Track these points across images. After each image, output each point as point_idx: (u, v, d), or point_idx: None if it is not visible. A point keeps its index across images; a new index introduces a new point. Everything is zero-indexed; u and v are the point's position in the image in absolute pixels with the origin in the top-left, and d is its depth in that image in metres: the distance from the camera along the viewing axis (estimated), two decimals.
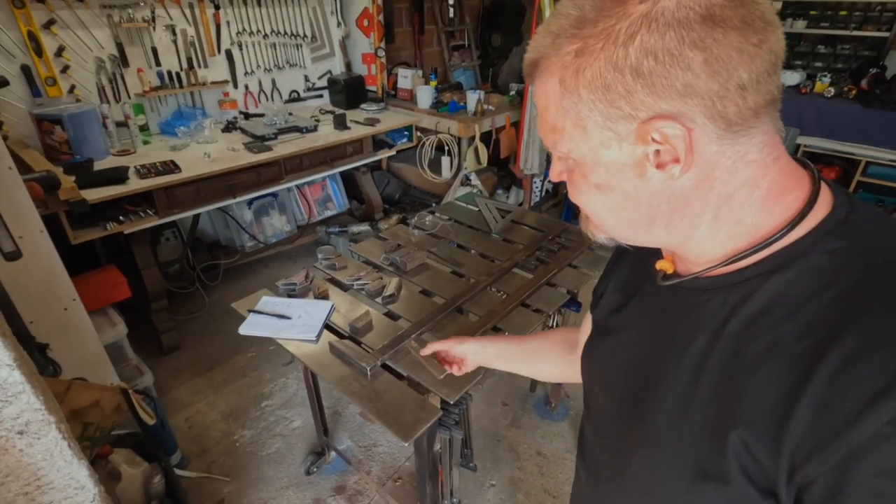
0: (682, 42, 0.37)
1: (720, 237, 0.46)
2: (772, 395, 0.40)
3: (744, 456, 0.42)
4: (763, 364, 0.42)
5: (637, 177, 0.44)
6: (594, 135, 0.43)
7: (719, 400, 0.44)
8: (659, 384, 0.51)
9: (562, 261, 1.69)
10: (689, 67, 0.38)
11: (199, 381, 2.33)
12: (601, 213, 0.49)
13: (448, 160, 3.23)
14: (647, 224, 0.47)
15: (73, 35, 2.32)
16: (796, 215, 0.43)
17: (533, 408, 2.21)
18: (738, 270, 0.46)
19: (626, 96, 0.40)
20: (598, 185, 0.46)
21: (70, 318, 1.62)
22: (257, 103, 3.09)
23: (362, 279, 1.58)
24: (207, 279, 2.91)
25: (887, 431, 0.34)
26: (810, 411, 0.38)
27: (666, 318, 0.53)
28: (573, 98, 0.42)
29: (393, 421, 1.10)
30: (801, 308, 0.41)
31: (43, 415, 0.77)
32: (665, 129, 0.40)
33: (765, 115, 0.41)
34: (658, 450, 0.50)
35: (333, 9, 3.26)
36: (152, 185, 2.09)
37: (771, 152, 0.43)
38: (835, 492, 0.37)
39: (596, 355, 0.66)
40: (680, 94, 0.39)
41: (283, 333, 1.37)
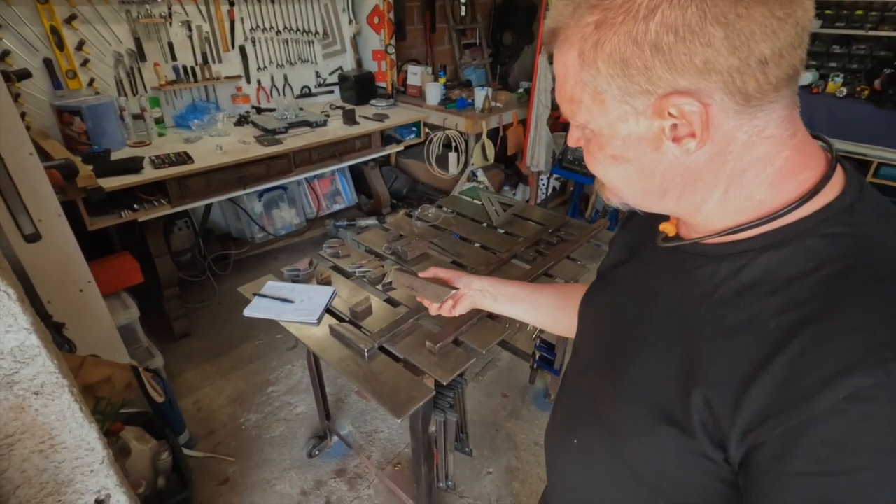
0: (703, 17, 0.37)
1: (727, 211, 0.47)
2: (741, 362, 0.42)
3: (704, 411, 0.44)
4: (740, 334, 0.44)
5: (653, 150, 0.44)
6: (612, 108, 0.44)
7: (692, 359, 0.47)
8: (640, 336, 0.54)
9: (560, 253, 1.72)
10: (710, 43, 0.37)
11: (208, 367, 2.40)
12: (616, 182, 0.50)
13: (455, 156, 3.27)
14: (660, 195, 0.48)
15: (94, 30, 2.40)
16: (804, 195, 0.44)
17: (532, 399, 2.24)
18: (734, 242, 0.47)
19: (644, 72, 0.40)
20: (615, 157, 0.47)
21: (85, 299, 1.69)
22: (269, 98, 3.16)
23: (364, 267, 1.63)
24: (218, 269, 2.99)
25: (840, 406, 0.36)
26: (773, 381, 0.40)
27: (659, 277, 0.55)
28: (591, 71, 0.42)
29: (387, 399, 1.15)
30: (786, 286, 0.43)
31: (57, 377, 0.83)
32: (682, 105, 0.40)
33: (785, 89, 0.40)
34: (629, 392, 0.53)
35: (345, 6, 3.32)
36: (166, 175, 2.16)
37: (788, 128, 0.43)
38: (782, 454, 0.39)
39: (592, 303, 0.69)
40: (699, 70, 0.39)
41: (286, 316, 1.42)
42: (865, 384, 0.36)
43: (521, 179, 3.59)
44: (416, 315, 1.40)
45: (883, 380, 0.35)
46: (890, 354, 0.36)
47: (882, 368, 0.36)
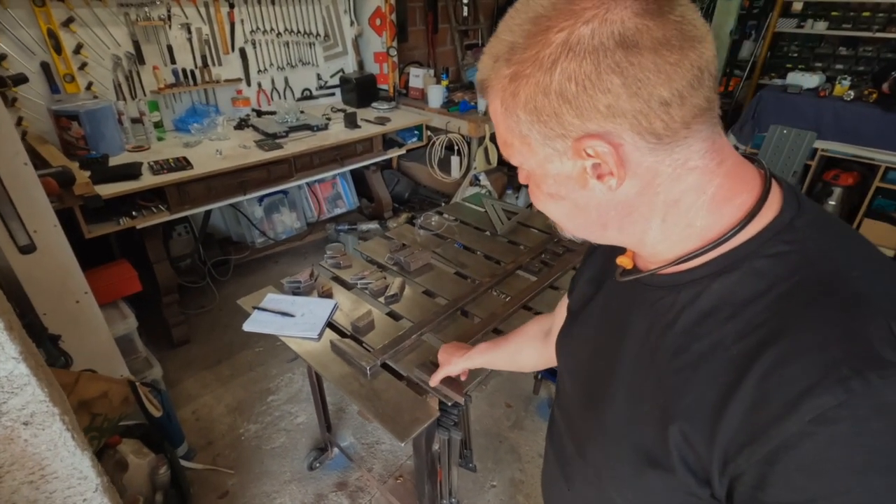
0: (598, 67, 0.39)
1: (672, 239, 0.48)
2: (710, 392, 0.43)
3: (684, 447, 0.45)
4: (705, 362, 0.44)
5: (581, 188, 0.46)
6: (538, 150, 0.46)
7: (664, 393, 0.47)
8: (613, 374, 0.55)
9: (565, 264, 1.69)
10: (609, 90, 0.39)
11: (207, 375, 2.37)
12: (559, 218, 0.52)
13: (458, 160, 3.23)
14: (601, 228, 0.49)
15: (92, 33, 2.36)
16: (744, 218, 0.45)
17: (536, 410, 2.21)
18: (688, 270, 0.48)
19: (555, 118, 0.42)
20: (551, 195, 0.49)
21: (82, 310, 1.66)
22: (270, 101, 3.13)
23: (366, 278, 1.59)
24: (218, 274, 2.96)
25: (808, 430, 0.37)
26: (743, 408, 0.40)
27: (623, 311, 0.56)
28: (514, 118, 0.45)
29: (390, 420, 1.11)
30: (741, 310, 0.43)
31: (47, 406, 0.80)
32: (595, 147, 0.42)
33: (698, 124, 0.42)
34: (609, 436, 0.54)
35: (346, 8, 3.28)
36: (164, 182, 2.13)
37: (714, 157, 0.44)
38: (761, 484, 0.39)
39: (567, 343, 0.70)
40: (604, 115, 0.40)
41: (286, 331, 1.38)
42: (829, 404, 0.36)
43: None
44: (419, 330, 1.37)
45: (845, 399, 0.36)
46: (847, 371, 0.36)
47: (842, 387, 0.36)
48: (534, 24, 0.41)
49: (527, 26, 0.41)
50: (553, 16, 0.40)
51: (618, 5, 0.38)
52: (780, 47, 4.40)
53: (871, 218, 3.35)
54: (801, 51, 4.28)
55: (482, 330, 1.37)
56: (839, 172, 3.46)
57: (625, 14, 0.38)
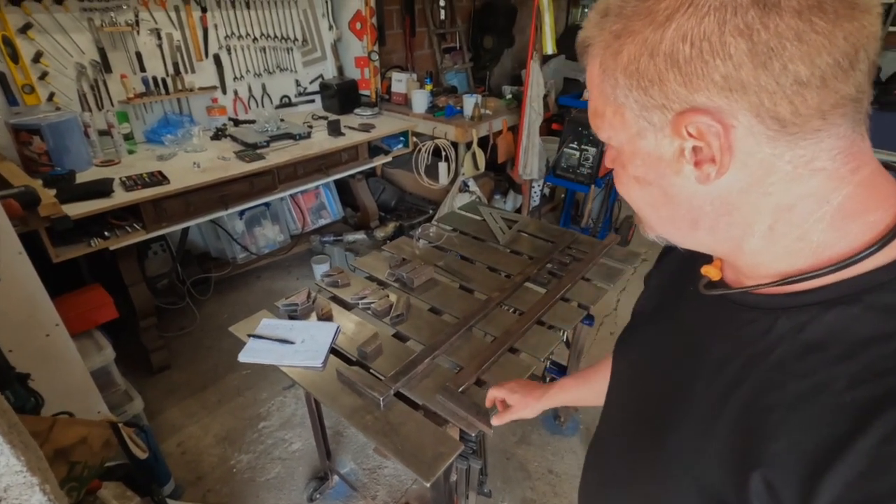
0: (723, 27, 0.33)
1: (777, 251, 0.40)
2: (811, 442, 0.36)
3: (765, 497, 0.38)
4: (805, 405, 0.37)
5: (674, 174, 0.40)
6: (632, 123, 0.40)
7: (747, 432, 0.40)
8: (681, 399, 0.48)
9: (575, 274, 1.62)
10: (731, 57, 0.33)
11: (192, 402, 2.22)
12: (642, 208, 0.45)
13: (445, 166, 3.15)
14: (691, 226, 0.43)
15: (52, 40, 2.19)
16: (877, 240, 0.37)
17: (542, 423, 2.14)
18: (794, 293, 0.40)
19: (658, 85, 0.36)
20: (637, 178, 0.43)
21: (53, 344, 1.50)
22: (247, 109, 2.98)
23: (368, 297, 1.49)
24: (198, 293, 2.80)
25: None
26: (853, 470, 0.33)
27: (701, 330, 0.49)
28: (611, 82, 0.39)
29: (412, 458, 1.02)
30: (861, 351, 0.36)
31: (25, 477, 0.68)
32: (700, 125, 0.36)
33: (838, 117, 0.34)
34: (672, 464, 0.47)
35: (325, 11, 3.17)
36: (139, 199, 1.98)
37: (848, 162, 0.36)
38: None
39: (627, 351, 0.63)
40: (718, 86, 0.34)
41: (287, 360, 1.28)
42: None
43: (511, 187, 3.51)
44: (431, 353, 1.28)
45: None
46: None
47: None
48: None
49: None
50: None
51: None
52: None
53: None
54: None
55: (498, 350, 1.29)
56: None
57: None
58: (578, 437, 2.08)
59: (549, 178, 3.15)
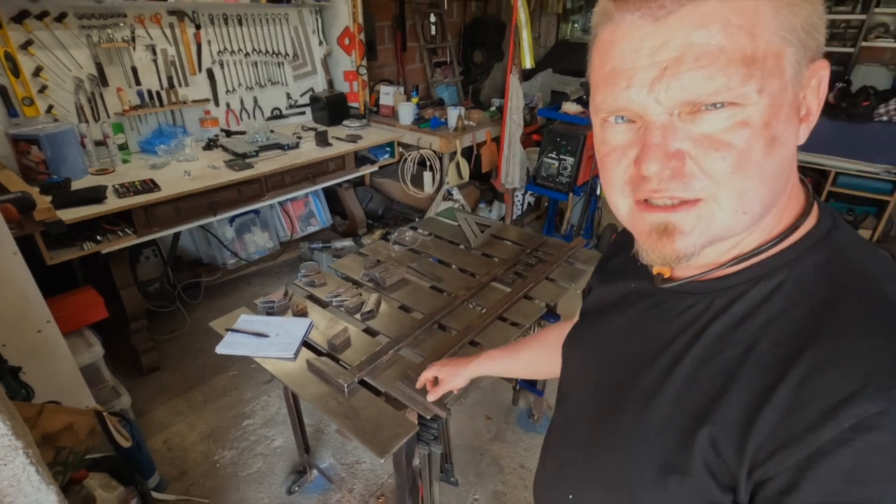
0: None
1: (757, 234, 0.46)
2: (743, 397, 0.42)
3: (709, 452, 0.44)
4: (738, 368, 0.43)
5: (794, 132, 0.40)
6: (788, 68, 0.38)
7: (692, 400, 0.46)
8: (632, 381, 0.53)
9: (539, 274, 1.72)
10: (817, 10, 0.38)
11: (179, 402, 2.30)
12: (756, 179, 0.40)
13: (430, 175, 3.26)
14: (774, 201, 0.43)
15: (52, 55, 2.31)
16: (789, 225, 0.44)
17: (516, 421, 2.22)
18: (724, 277, 0.47)
19: (817, 27, 0.38)
20: (775, 139, 0.39)
21: (44, 340, 1.59)
22: (239, 121, 3.10)
23: (341, 296, 1.59)
24: (188, 297, 2.89)
25: (846, 436, 0.36)
26: (777, 413, 0.39)
27: (650, 318, 0.55)
28: (786, 15, 0.37)
29: (370, 438, 1.11)
30: (778, 317, 0.43)
31: (10, 440, 0.76)
32: (823, 77, 0.39)
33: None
34: (627, 442, 0.52)
35: (315, 28, 3.30)
36: (131, 205, 2.08)
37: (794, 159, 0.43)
38: (790, 488, 0.38)
39: (579, 347, 0.67)
40: (819, 44, 0.39)
41: (262, 352, 1.36)
42: (869, 412, 0.36)
43: (496, 196, 3.61)
44: (396, 345, 1.37)
45: (886, 407, 0.35)
46: (889, 381, 0.36)
47: (884, 396, 0.36)
48: None
49: None
50: None
51: None
52: None
53: None
54: None
55: (459, 342, 1.38)
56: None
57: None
58: None
59: (530, 186, 3.26)
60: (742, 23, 0.36)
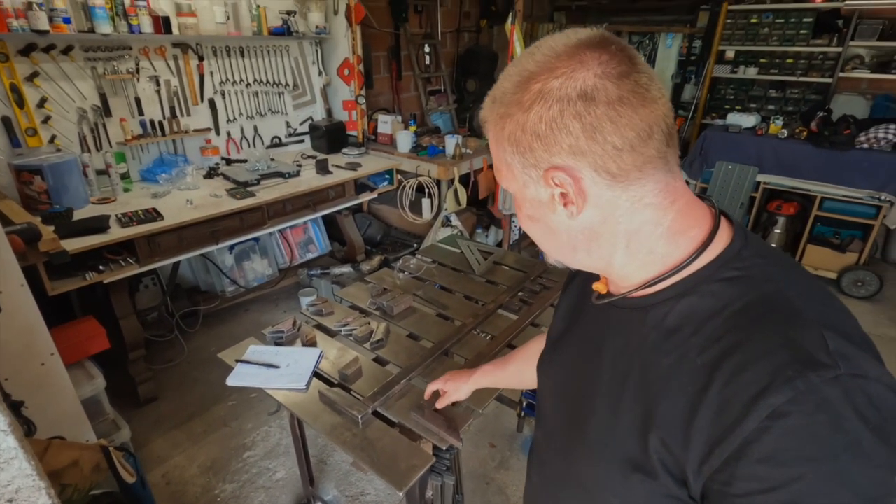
0: (563, 113, 0.47)
1: (637, 264, 0.54)
2: (681, 400, 0.48)
3: (662, 451, 0.50)
4: (674, 374, 0.50)
5: (551, 212, 0.53)
6: (519, 176, 0.53)
7: (641, 405, 0.52)
8: (593, 392, 0.60)
9: (544, 301, 1.74)
10: (571, 132, 0.47)
11: (178, 433, 2.26)
12: (537, 238, 0.58)
13: (429, 202, 3.30)
14: (571, 250, 0.56)
15: (57, 87, 2.34)
16: (698, 248, 0.52)
17: (521, 448, 2.21)
18: (654, 293, 0.54)
19: (530, 151, 0.50)
20: (529, 216, 0.56)
21: (47, 373, 1.57)
22: (239, 149, 3.14)
23: (350, 325, 1.60)
24: (186, 325, 2.86)
25: (765, 425, 0.42)
26: (710, 413, 0.46)
27: (599, 333, 0.62)
28: (501, 148, 0.53)
29: (386, 470, 1.11)
30: (702, 326, 0.49)
31: (34, 480, 0.76)
32: (559, 178, 0.49)
33: (650, 169, 0.49)
34: (594, 448, 0.58)
35: (315, 59, 3.38)
36: (134, 234, 2.08)
37: (667, 196, 0.51)
38: (729, 479, 0.44)
39: (547, 368, 0.75)
40: (567, 152, 0.48)
41: (272, 383, 1.36)
42: (780, 401, 0.41)
43: (493, 222, 3.66)
44: (407, 375, 1.37)
45: (792, 395, 0.41)
46: (792, 373, 0.42)
47: (789, 386, 0.42)
48: (521, 77, 0.50)
49: (516, 78, 0.50)
50: (536, 72, 0.49)
51: (584, 68, 0.47)
52: (718, 90, 4.78)
53: (813, 244, 3.61)
54: (737, 93, 4.66)
55: None
56: (781, 203, 3.73)
57: (587, 74, 0.46)
58: None
59: None
60: (491, 150, 0.57)
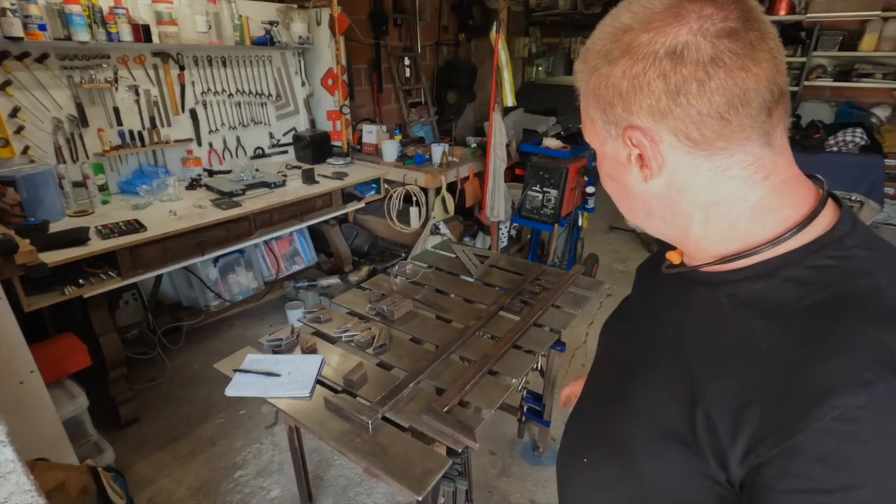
0: (647, 70, 0.45)
1: (714, 238, 0.51)
2: (737, 383, 0.46)
3: (706, 428, 0.47)
4: (735, 355, 0.48)
5: (627, 173, 0.52)
6: (600, 131, 0.52)
7: (694, 379, 0.50)
8: (645, 357, 0.59)
9: (545, 302, 1.73)
10: (653, 93, 0.45)
11: (163, 455, 2.15)
12: (615, 199, 0.58)
13: (416, 210, 3.28)
14: (647, 215, 0.55)
15: (31, 96, 2.25)
16: (789, 229, 0.48)
17: (521, 454, 2.17)
18: (729, 271, 0.52)
19: (610, 107, 0.49)
20: (608, 174, 0.56)
21: (26, 391, 1.48)
22: (221, 160, 3.06)
23: (350, 330, 1.55)
24: (169, 342, 2.75)
25: (830, 426, 0.39)
26: (767, 401, 0.43)
27: (665, 302, 0.61)
28: (587, 101, 0.53)
29: (402, 475, 1.06)
30: (776, 312, 0.47)
31: (32, 497, 0.70)
32: (636, 138, 0.48)
33: (741, 140, 0.45)
34: (636, 410, 0.57)
35: (298, 69, 3.35)
36: (117, 245, 2.00)
37: (758, 171, 0.47)
38: (779, 473, 0.41)
39: (610, 329, 0.75)
40: (647, 112, 0.46)
41: (274, 391, 1.31)
42: (852, 404, 0.39)
43: (480, 229, 3.66)
44: (415, 378, 1.34)
45: (867, 400, 0.38)
46: (871, 376, 0.39)
47: (865, 390, 0.39)
48: (613, 29, 0.48)
49: (609, 30, 0.49)
50: (629, 24, 0.47)
51: (679, 22, 0.43)
52: None
53: None
54: None
55: (478, 372, 1.36)
56: None
57: (681, 30, 0.43)
58: None
59: (516, 219, 3.33)
60: (581, 104, 0.55)
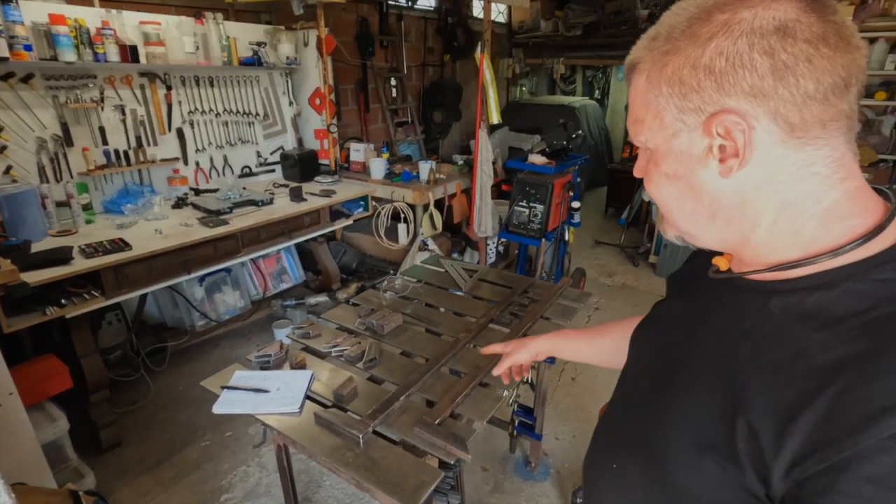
0: (752, 47, 0.42)
1: (776, 244, 0.48)
2: (787, 395, 0.44)
3: (748, 440, 0.45)
4: (785, 367, 0.45)
5: (701, 168, 0.48)
6: (669, 124, 0.49)
7: (735, 388, 0.48)
8: (685, 364, 0.56)
9: (534, 314, 1.74)
10: (756, 70, 0.42)
11: (146, 479, 2.08)
12: (669, 202, 0.53)
13: (404, 227, 3.30)
14: (709, 218, 0.51)
15: (14, 115, 2.24)
16: (855, 239, 0.45)
17: (513, 470, 2.15)
18: (785, 280, 0.49)
19: (697, 91, 0.45)
20: (668, 174, 0.51)
21: (5, 414, 1.43)
22: (208, 179, 3.06)
23: (340, 345, 1.54)
24: (153, 364, 2.69)
25: (885, 444, 0.37)
26: (818, 416, 0.41)
27: (708, 308, 0.58)
28: (655, 91, 0.49)
29: (394, 489, 1.05)
30: (834, 325, 0.44)
31: None
32: (728, 123, 0.44)
33: (833, 130, 0.43)
34: (672, 418, 0.54)
35: (285, 89, 3.38)
36: (101, 265, 1.97)
37: (839, 171, 0.45)
38: (825, 489, 0.40)
39: (644, 335, 0.72)
40: (746, 93, 0.43)
41: (263, 408, 1.29)
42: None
43: (468, 245, 3.68)
44: (406, 392, 1.33)
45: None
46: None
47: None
48: (700, 9, 0.46)
49: (693, 10, 0.46)
50: (722, 2, 0.44)
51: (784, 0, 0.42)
52: None
53: None
54: None
55: (470, 384, 1.36)
56: None
57: (788, 6, 0.42)
58: (550, 482, 2.10)
59: (503, 234, 3.35)
60: (632, 99, 0.53)
